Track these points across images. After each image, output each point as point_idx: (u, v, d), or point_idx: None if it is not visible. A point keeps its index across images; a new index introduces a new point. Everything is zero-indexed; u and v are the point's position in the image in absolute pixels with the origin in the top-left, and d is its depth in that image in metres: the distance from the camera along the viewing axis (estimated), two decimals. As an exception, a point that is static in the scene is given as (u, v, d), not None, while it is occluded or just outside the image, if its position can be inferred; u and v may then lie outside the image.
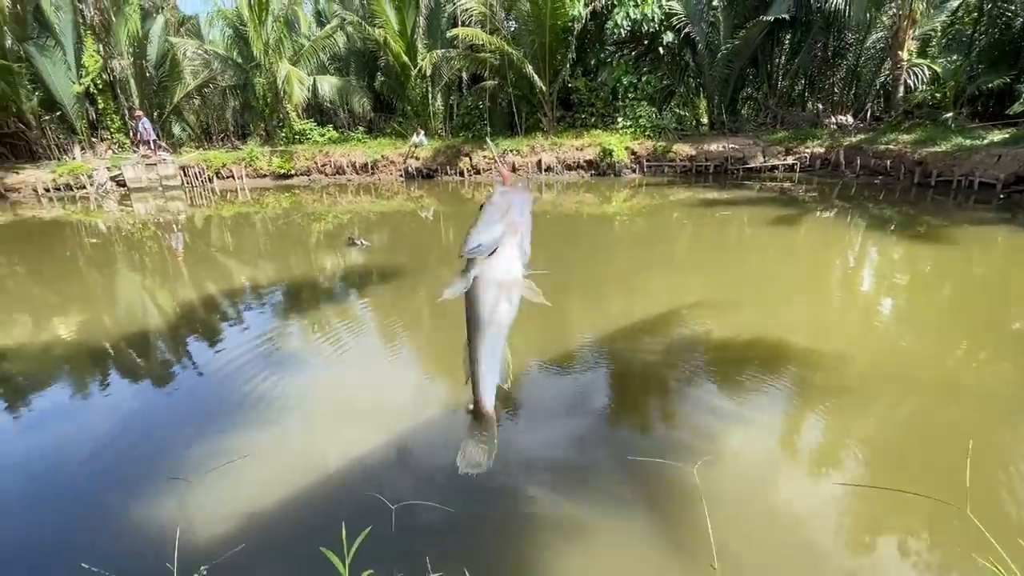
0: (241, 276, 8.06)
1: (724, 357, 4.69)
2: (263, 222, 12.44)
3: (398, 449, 3.47)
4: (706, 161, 15.68)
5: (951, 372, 4.26)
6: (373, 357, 4.97)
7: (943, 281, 6.65)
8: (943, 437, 3.42)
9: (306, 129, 19.39)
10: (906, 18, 14.10)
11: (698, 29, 15.63)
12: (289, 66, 17.87)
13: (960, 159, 11.48)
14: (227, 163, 18.03)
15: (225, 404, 4.16)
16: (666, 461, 2.92)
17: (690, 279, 7.09)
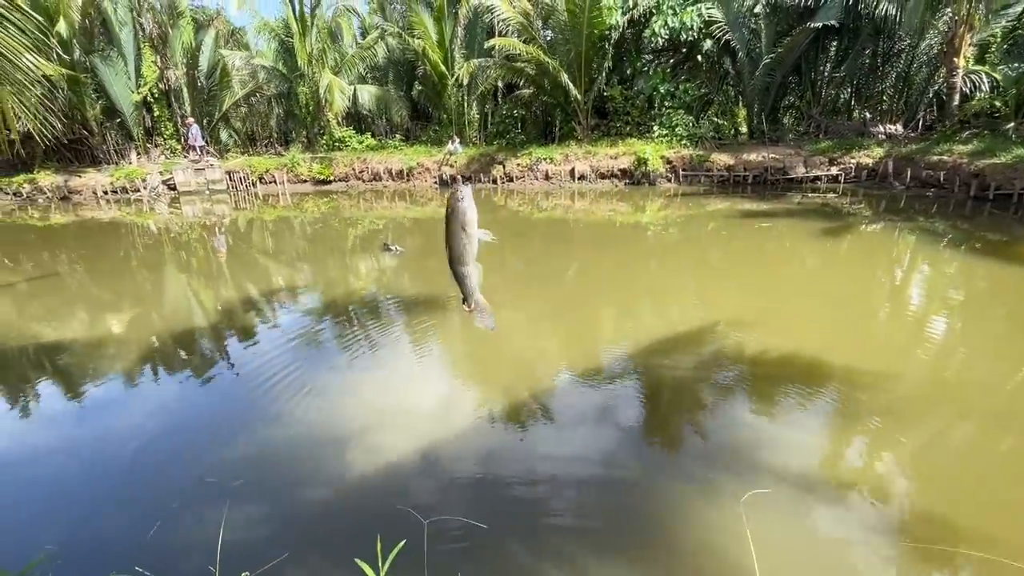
0: (279, 278, 8.32)
1: (761, 374, 4.55)
2: (302, 226, 12.82)
3: (429, 459, 3.49)
4: (744, 171, 15.30)
5: (1008, 400, 4.00)
6: (405, 363, 5.04)
7: (1000, 301, 6.27)
8: (999, 475, 3.21)
9: (345, 136, 19.94)
10: (963, 23, 13.45)
11: (739, 36, 15.32)
12: (331, 76, 18.44)
13: (1021, 172, 10.83)
14: (270, 168, 18.70)
15: (259, 405, 4.29)
16: (711, 489, 2.83)
17: (725, 292, 6.91)
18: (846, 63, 16.33)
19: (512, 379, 4.66)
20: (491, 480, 3.25)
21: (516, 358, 5.12)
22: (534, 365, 4.97)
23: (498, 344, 5.49)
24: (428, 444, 3.63)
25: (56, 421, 4.28)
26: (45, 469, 3.61)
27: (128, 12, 18.18)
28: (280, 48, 19.85)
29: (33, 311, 6.99)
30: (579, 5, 15.23)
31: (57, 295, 7.60)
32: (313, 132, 20.46)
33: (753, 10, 15.50)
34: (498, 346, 5.43)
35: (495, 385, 4.58)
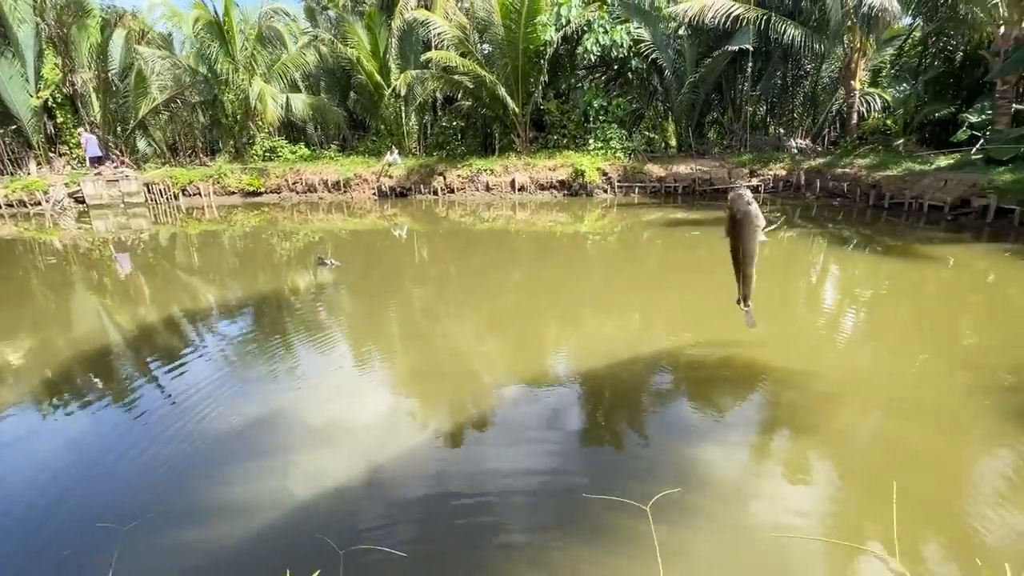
0: (206, 296, 7.81)
1: (694, 377, 4.77)
2: (231, 240, 12.13)
3: (357, 481, 3.33)
4: (675, 182, 16.13)
5: (910, 390, 4.43)
6: (340, 380, 4.86)
7: (900, 299, 6.95)
8: (906, 467, 3.53)
9: (277, 146, 19.15)
10: (857, 50, 14.96)
11: (665, 56, 16.21)
12: (262, 83, 17.69)
13: (910, 183, 12.12)
14: (194, 180, 17.60)
15: (167, 436, 3.98)
16: (619, 499, 2.86)
17: (661, 298, 7.21)
18: (761, 83, 17.68)
19: (452, 393, 4.61)
20: (419, 502, 3.13)
21: (458, 371, 5.08)
22: (475, 378, 4.95)
23: (440, 358, 5.42)
24: (358, 466, 3.49)
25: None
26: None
27: (29, 8, 16.60)
28: (205, 52, 18.81)
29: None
30: (514, 20, 15.57)
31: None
32: (242, 142, 19.50)
33: (677, 32, 16.47)
34: (440, 360, 5.37)
35: (433, 400, 4.51)
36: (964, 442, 3.65)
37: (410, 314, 6.89)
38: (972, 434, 3.72)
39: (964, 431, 3.75)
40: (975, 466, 3.48)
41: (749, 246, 1.63)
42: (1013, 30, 11.04)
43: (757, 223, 1.60)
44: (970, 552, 2.66)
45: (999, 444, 3.61)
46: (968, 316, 6.25)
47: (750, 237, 1.64)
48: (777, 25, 14.40)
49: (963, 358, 4.94)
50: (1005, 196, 9.93)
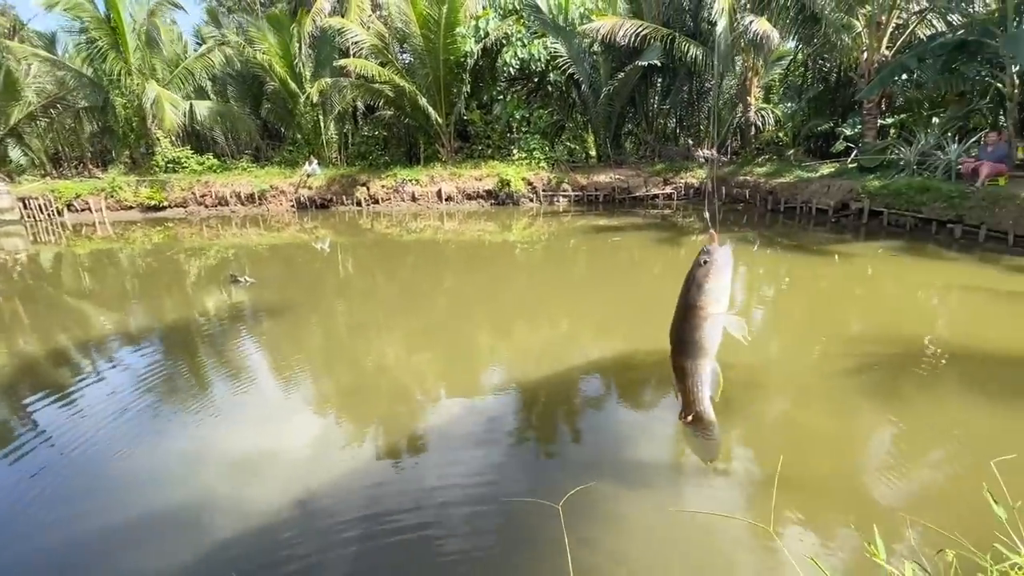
0: (101, 323, 7.05)
1: (619, 378, 4.98)
2: (130, 260, 11.06)
3: (285, 514, 3.10)
4: (596, 191, 16.82)
5: (807, 376, 4.90)
6: (260, 407, 4.57)
7: (797, 292, 7.69)
8: (811, 451, 3.90)
9: (182, 157, 17.75)
10: (750, 69, 16.47)
11: (581, 70, 16.93)
12: (159, 88, 16.33)
13: (800, 189, 13.49)
14: (82, 194, 15.87)
15: (84, 481, 3.56)
16: (533, 500, 2.94)
17: (588, 303, 7.47)
18: (670, 97, 18.94)
19: (381, 411, 4.49)
20: (348, 527, 2.98)
21: (387, 387, 4.95)
22: (405, 393, 4.85)
23: (368, 374, 5.26)
24: (282, 496, 3.28)
25: None
26: None
27: None
28: (93, 53, 17.06)
29: None
30: (433, 31, 15.60)
31: None
32: (139, 152, 17.88)
33: (591, 48, 17.27)
34: (368, 376, 5.21)
35: (360, 419, 4.36)
36: (848, 421, 4.09)
37: (334, 330, 6.63)
38: (855, 413, 4.18)
39: (849, 411, 4.20)
40: (856, 441, 3.91)
41: (683, 323, 1.25)
42: (874, 55, 12.67)
43: (706, 289, 1.20)
44: (846, 516, 2.98)
45: (878, 421, 4.09)
46: (853, 306, 7.03)
47: (687, 309, 1.24)
48: (681, 45, 15.52)
49: (849, 344, 5.55)
50: (875, 200, 11.31)
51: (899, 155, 11.80)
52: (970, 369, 4.76)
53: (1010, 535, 1.54)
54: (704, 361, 1.35)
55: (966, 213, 9.52)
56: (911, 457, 3.63)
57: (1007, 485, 1.73)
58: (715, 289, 1.24)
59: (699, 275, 1.24)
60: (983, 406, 4.09)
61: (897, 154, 11.87)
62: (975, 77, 12.13)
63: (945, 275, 7.92)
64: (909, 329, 5.81)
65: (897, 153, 11.90)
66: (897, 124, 13.74)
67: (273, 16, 17.24)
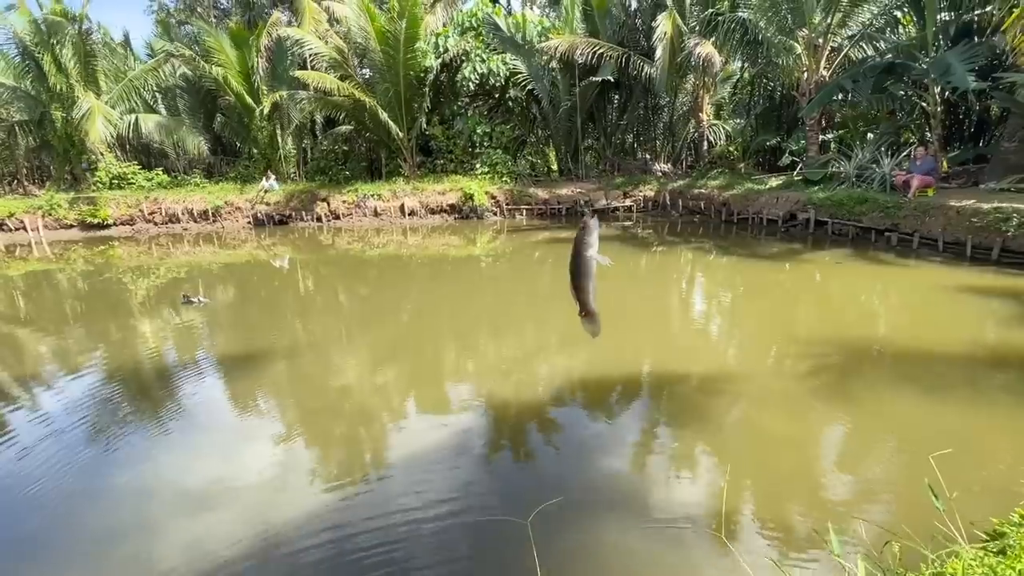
0: (38, 351, 6.60)
1: (584, 390, 5.04)
2: (70, 281, 10.43)
3: (245, 547, 2.96)
4: (558, 204, 17.08)
5: (763, 379, 5.10)
6: (216, 435, 4.37)
7: (751, 300, 8.01)
8: (770, 458, 4.05)
9: (128, 173, 16.97)
10: (701, 87, 17.22)
11: (540, 86, 17.27)
12: (94, 100, 15.59)
13: (752, 200, 14.12)
14: (15, 212, 14.91)
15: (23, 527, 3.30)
16: (502, 517, 2.94)
17: (552, 316, 7.54)
18: (627, 113, 19.54)
19: (344, 433, 4.38)
20: (311, 557, 2.89)
21: (351, 408, 4.84)
22: (369, 414, 4.75)
23: (330, 396, 5.13)
24: (243, 528, 3.14)
25: None
26: None
27: None
28: (30, 64, 16.18)
29: None
30: (393, 46, 15.60)
31: None
32: (81, 167, 16.99)
33: (549, 65, 17.66)
34: (330, 398, 5.08)
35: (323, 443, 4.24)
36: (802, 422, 4.28)
37: (295, 350, 6.43)
38: (807, 415, 4.37)
39: (802, 413, 4.39)
40: (809, 443, 4.08)
41: (578, 262, 2.07)
42: (813, 76, 13.50)
43: (586, 243, 2.03)
44: (801, 517, 3.10)
45: (829, 422, 4.29)
46: (803, 311, 7.38)
47: (578, 255, 2.06)
48: (635, 63, 16.08)
49: (801, 347, 5.81)
50: (820, 210, 11.96)
51: (840, 168, 12.55)
52: (910, 367, 5.07)
53: (947, 524, 1.65)
54: (588, 280, 2.10)
55: (900, 222, 10.19)
56: (859, 456, 3.82)
57: (945, 477, 1.85)
58: (590, 240, 2.00)
59: (581, 233, 2.02)
60: (923, 403, 4.36)
61: (838, 167, 12.62)
62: (903, 96, 13.09)
63: (885, 280, 8.43)
64: (855, 331, 6.14)
65: (838, 166, 12.65)
66: (837, 139, 14.64)
67: (234, 30, 16.87)
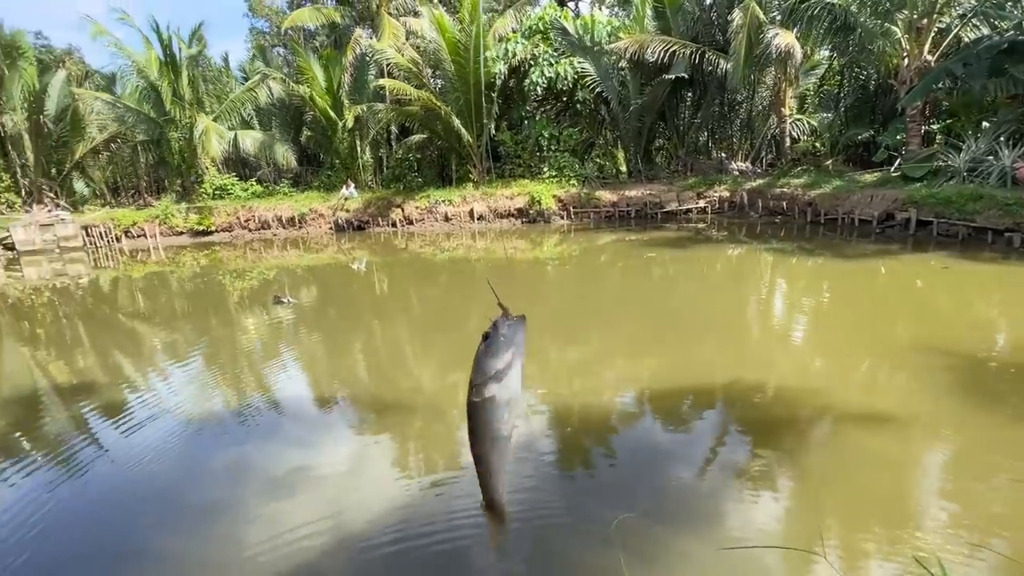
0: (152, 342, 7.44)
1: (655, 399, 4.89)
2: (180, 282, 11.65)
3: (323, 531, 3.16)
4: (627, 206, 16.73)
5: (858, 394, 4.69)
6: (300, 424, 4.70)
7: (841, 307, 7.40)
8: (860, 471, 3.73)
9: (228, 184, 18.71)
10: (784, 80, 16.20)
11: (610, 87, 17.03)
12: (208, 120, 17.37)
13: (841, 199, 13.06)
14: (137, 221, 16.89)
15: (136, 496, 3.74)
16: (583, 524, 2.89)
17: (621, 319, 7.40)
18: (701, 111, 18.79)
19: (417, 428, 4.55)
20: (386, 547, 3.01)
21: (423, 405, 5.02)
22: (441, 412, 4.90)
23: (404, 392, 5.35)
24: (320, 513, 3.33)
25: None
26: None
27: (-51, 50, 15.86)
28: (148, 90, 18.36)
29: None
30: (463, 56, 16.05)
31: None
32: (190, 180, 18.95)
33: (618, 65, 17.38)
34: (404, 394, 5.29)
35: (397, 436, 4.42)
36: (900, 440, 3.89)
37: (372, 348, 6.78)
38: (906, 431, 3.97)
39: (900, 429, 3.99)
40: (909, 461, 3.70)
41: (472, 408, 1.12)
42: (915, 61, 12.28)
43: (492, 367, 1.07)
44: (909, 546, 2.81)
45: (933, 440, 3.87)
46: (901, 319, 6.71)
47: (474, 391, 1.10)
48: (711, 59, 15.44)
49: (901, 360, 5.29)
50: (923, 209, 10.84)
51: (947, 162, 11.31)
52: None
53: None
54: (492, 449, 1.12)
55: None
56: (969, 481, 3.42)
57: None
58: (496, 368, 1.05)
59: (479, 351, 1.07)
60: (1052, 425, 3.82)
61: (945, 161, 11.39)
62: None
63: (1004, 286, 7.49)
64: (966, 344, 5.50)
65: (945, 160, 11.41)
66: (943, 130, 13.20)
67: (324, 53, 18.29)
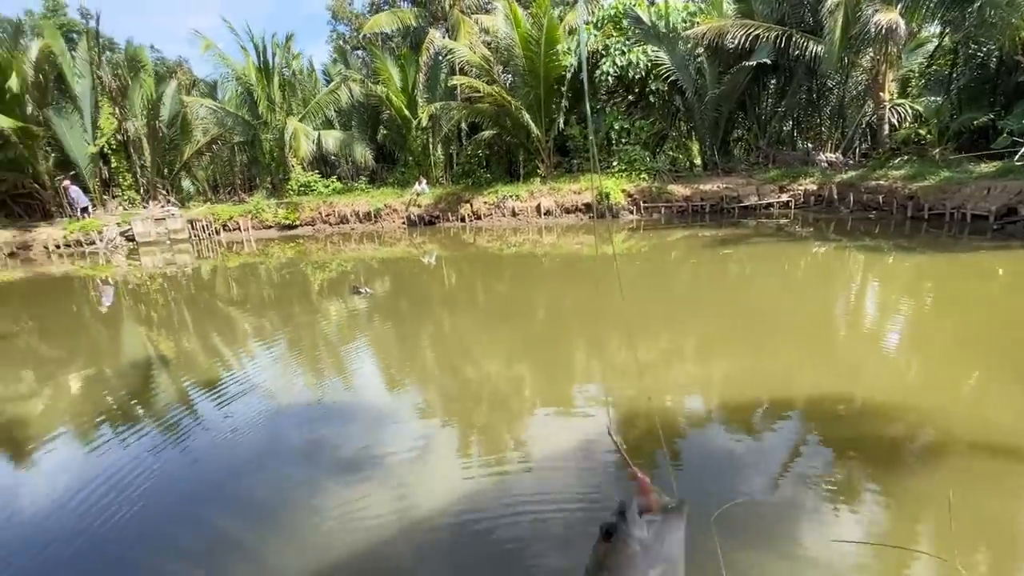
0: (244, 325, 8.12)
1: (735, 398, 4.67)
2: (268, 272, 12.62)
3: (390, 517, 3.27)
4: (702, 201, 16.01)
5: (964, 405, 4.22)
6: (372, 408, 4.95)
7: (947, 312, 6.66)
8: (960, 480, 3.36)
9: (311, 181, 19.99)
10: (884, 61, 14.75)
11: (685, 76, 16.34)
12: (296, 122, 18.62)
13: (951, 192, 11.72)
14: (234, 216, 18.47)
15: (224, 465, 4.12)
16: None
17: (689, 319, 7.12)
18: (785, 99, 17.57)
19: (485, 419, 4.63)
20: (453, 533, 3.10)
21: (490, 396, 5.11)
22: (508, 403, 4.97)
23: (471, 383, 5.47)
24: (387, 497, 3.51)
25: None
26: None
27: (87, 65, 18.09)
28: (244, 95, 19.99)
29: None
30: (534, 51, 16.03)
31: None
32: (278, 178, 20.43)
33: (695, 52, 16.62)
34: (471, 385, 5.42)
35: (465, 426, 4.53)
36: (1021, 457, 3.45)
37: (440, 338, 6.99)
38: None
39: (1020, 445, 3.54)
40: None
41: None
42: (1050, 33, 10.74)
43: None
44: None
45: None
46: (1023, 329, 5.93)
47: None
48: (798, 42, 14.37)
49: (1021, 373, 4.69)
50: (1054, 202, 9.49)
51: (1087, 148, 9.81)
52: None
53: None
54: None
55: None
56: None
57: None
58: None
59: (597, 555, 0.73)
60: None
61: (1084, 147, 9.88)
62: None
63: None
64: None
65: (1084, 146, 9.91)
66: (1083, 111, 11.46)
67: (402, 54, 19.06)
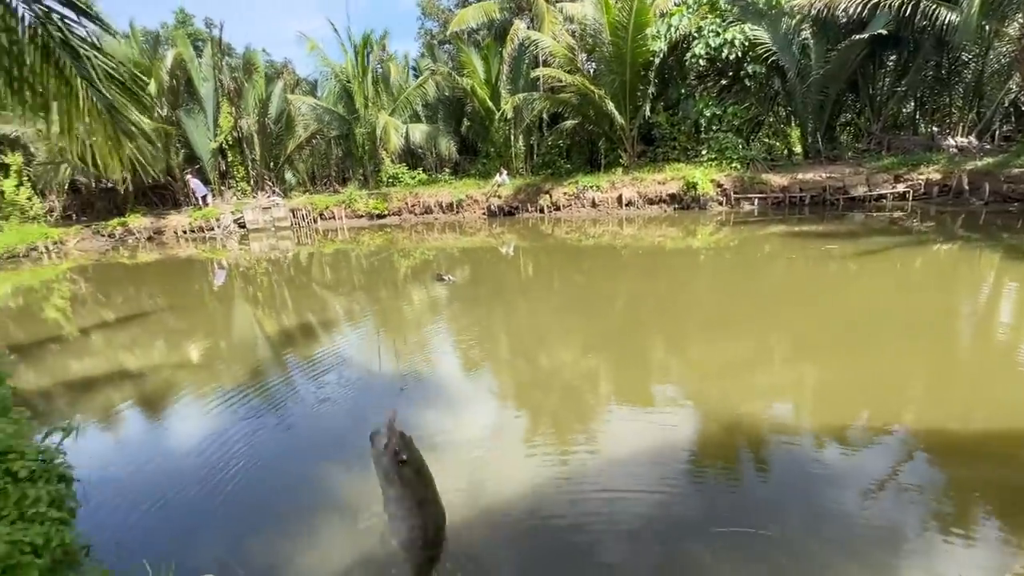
0: (336, 307, 8.72)
1: (819, 412, 4.29)
2: (358, 258, 13.44)
3: (462, 501, 3.34)
4: (800, 191, 14.75)
5: None
6: (449, 391, 5.11)
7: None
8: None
9: (399, 173, 20.94)
10: (1038, 28, 12.63)
11: (787, 55, 15.04)
12: (387, 116, 19.56)
13: (1122, 181, 9.85)
14: (329, 205, 19.84)
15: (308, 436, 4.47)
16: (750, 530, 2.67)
17: (783, 319, 6.61)
18: (907, 77, 15.63)
19: (557, 411, 4.63)
20: (504, 527, 3.12)
21: (563, 388, 5.09)
22: (579, 397, 4.93)
23: (545, 373, 5.49)
24: (455, 479, 3.52)
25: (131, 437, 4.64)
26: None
27: (211, 70, 20.21)
28: (341, 92, 21.32)
29: (120, 340, 7.68)
30: (622, 36, 15.52)
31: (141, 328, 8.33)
32: (369, 170, 21.61)
33: (799, 28, 15.22)
34: (546, 375, 5.43)
35: (538, 416, 4.54)
36: None
37: (516, 327, 7.08)
38: None
39: None
40: None
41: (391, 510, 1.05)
42: None
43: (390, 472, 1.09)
44: None
45: None
46: None
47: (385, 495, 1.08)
48: (926, 9, 12.69)
49: None
50: None
51: None
52: None
53: None
54: None
55: None
56: None
57: None
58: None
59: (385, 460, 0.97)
60: None
61: None
62: None
63: None
64: None
65: None
66: None
67: (486, 44, 19.39)
